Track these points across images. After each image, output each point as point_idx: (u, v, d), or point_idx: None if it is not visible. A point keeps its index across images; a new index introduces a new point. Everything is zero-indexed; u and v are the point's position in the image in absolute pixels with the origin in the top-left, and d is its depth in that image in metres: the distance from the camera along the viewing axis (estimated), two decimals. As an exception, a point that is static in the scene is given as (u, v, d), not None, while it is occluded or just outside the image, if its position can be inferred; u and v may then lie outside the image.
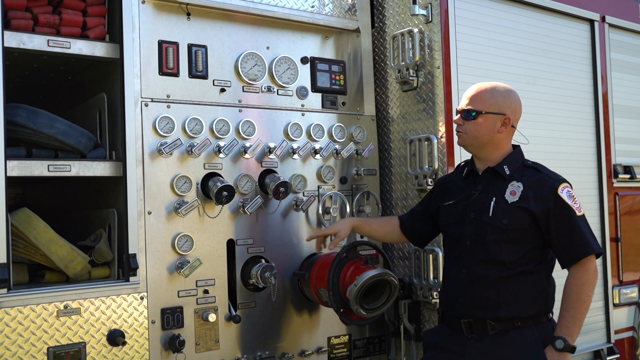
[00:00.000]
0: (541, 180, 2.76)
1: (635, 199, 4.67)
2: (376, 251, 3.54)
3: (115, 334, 2.84)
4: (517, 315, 2.73)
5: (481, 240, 2.77)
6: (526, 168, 2.83)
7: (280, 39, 3.52)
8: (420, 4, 3.63)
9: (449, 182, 3.05)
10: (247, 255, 3.29)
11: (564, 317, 2.68)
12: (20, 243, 2.86)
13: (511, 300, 2.72)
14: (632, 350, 4.61)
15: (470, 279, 2.79)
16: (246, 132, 3.31)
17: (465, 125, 2.83)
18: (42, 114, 2.91)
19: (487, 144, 2.83)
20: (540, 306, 2.77)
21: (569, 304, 2.68)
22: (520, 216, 2.72)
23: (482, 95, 2.82)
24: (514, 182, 2.78)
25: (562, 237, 2.70)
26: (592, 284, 2.69)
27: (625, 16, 4.69)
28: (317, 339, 3.51)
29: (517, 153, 2.89)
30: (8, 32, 2.74)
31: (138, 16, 3.06)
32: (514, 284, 2.73)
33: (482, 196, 2.82)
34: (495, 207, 2.75)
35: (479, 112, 2.79)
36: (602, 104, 4.41)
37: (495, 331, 2.74)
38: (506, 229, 2.72)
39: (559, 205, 2.70)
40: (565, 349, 2.64)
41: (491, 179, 2.84)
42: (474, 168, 2.92)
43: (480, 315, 2.76)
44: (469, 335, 2.79)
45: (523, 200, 2.73)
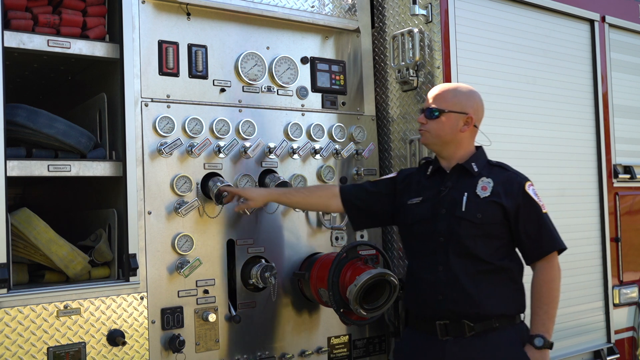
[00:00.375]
0: (509, 178, 2.83)
1: (635, 199, 4.67)
2: (376, 251, 3.53)
3: (115, 334, 2.84)
4: (496, 313, 2.73)
5: (455, 236, 2.77)
6: (492, 166, 2.89)
7: (280, 39, 3.52)
8: (420, 4, 3.63)
9: (412, 180, 3.02)
10: (247, 255, 3.29)
11: (538, 314, 2.72)
12: (20, 243, 2.86)
13: (490, 296, 2.74)
14: (632, 350, 4.61)
15: (447, 275, 2.77)
16: (246, 132, 3.31)
17: (428, 124, 2.87)
18: (42, 114, 2.91)
19: (450, 143, 2.87)
20: (517, 304, 2.81)
21: (542, 300, 2.73)
22: (493, 210, 2.76)
23: (445, 95, 2.87)
24: (484, 178, 2.83)
25: (530, 232, 2.77)
26: (559, 279, 2.78)
27: (625, 16, 4.69)
28: (317, 339, 3.51)
29: (482, 153, 2.95)
30: (8, 32, 2.74)
31: (138, 16, 3.06)
32: (492, 279, 2.76)
33: (452, 192, 2.84)
34: (468, 202, 2.78)
35: (442, 111, 2.84)
36: (602, 104, 4.41)
37: (473, 332, 2.73)
38: (480, 223, 2.75)
39: (527, 202, 2.78)
40: (545, 346, 2.68)
41: (460, 176, 2.87)
42: (440, 166, 2.94)
43: (460, 312, 2.74)
44: (444, 338, 2.76)
45: (495, 195, 2.77)
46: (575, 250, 4.20)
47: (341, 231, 3.60)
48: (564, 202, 4.15)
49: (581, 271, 4.24)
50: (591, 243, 4.33)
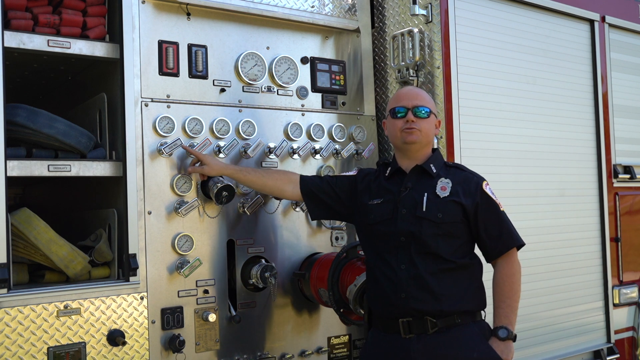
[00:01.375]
0: (467, 178, 2.89)
1: (635, 199, 4.67)
2: (376, 251, 3.53)
3: (115, 334, 2.84)
4: (457, 310, 2.76)
5: (416, 235, 2.79)
6: (449, 167, 2.95)
7: (280, 39, 3.52)
8: (420, 4, 3.63)
9: (371, 181, 3.02)
10: (247, 255, 3.29)
11: (501, 307, 2.78)
12: (20, 243, 2.86)
13: (452, 293, 2.76)
14: (632, 350, 4.61)
15: (410, 273, 2.77)
16: (246, 132, 3.31)
17: (418, 123, 2.87)
18: (42, 114, 2.91)
19: (429, 143, 2.95)
20: (478, 301, 2.85)
21: (504, 294, 2.79)
22: (453, 210, 2.80)
23: (426, 96, 2.95)
24: (442, 178, 2.87)
25: (490, 230, 2.83)
26: (519, 273, 2.84)
27: (625, 16, 4.69)
28: (317, 339, 3.51)
29: (439, 154, 3.01)
30: (8, 32, 2.74)
31: (138, 16, 3.06)
32: (453, 276, 2.79)
33: (412, 193, 2.86)
34: (428, 202, 2.81)
35: (430, 111, 2.90)
36: (602, 104, 4.41)
37: (436, 329, 2.74)
38: (441, 222, 2.78)
39: (485, 200, 2.83)
40: (509, 337, 2.74)
41: (419, 177, 2.90)
42: (399, 167, 2.95)
43: (423, 309, 2.74)
44: (407, 336, 2.77)
45: (454, 195, 2.82)
46: (575, 250, 4.21)
47: (341, 231, 3.61)
48: (564, 202, 4.15)
49: (581, 271, 4.25)
50: (591, 243, 4.34)
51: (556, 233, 4.12)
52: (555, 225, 4.12)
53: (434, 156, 2.95)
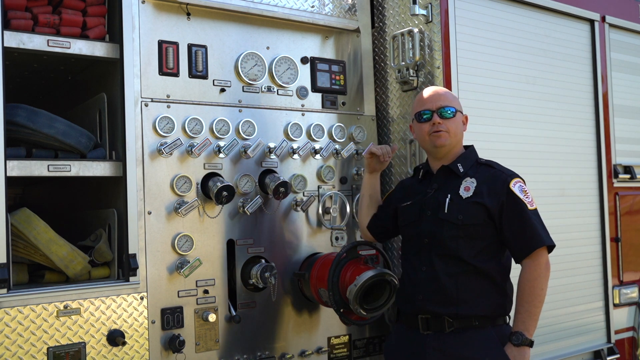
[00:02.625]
0: (494, 176, 2.82)
1: (635, 199, 4.67)
2: (376, 251, 3.54)
3: (115, 334, 2.84)
4: (475, 314, 2.75)
5: (438, 237, 2.80)
6: (480, 165, 2.89)
7: (280, 39, 3.52)
8: (420, 4, 3.63)
9: (407, 185, 3.11)
10: (247, 255, 3.29)
11: (520, 312, 2.72)
12: (20, 243, 2.86)
13: (469, 298, 2.75)
14: (633, 350, 4.61)
15: (429, 275, 2.81)
16: (246, 132, 3.31)
17: (445, 124, 2.86)
18: (42, 114, 2.91)
19: (459, 142, 2.93)
20: (498, 307, 2.80)
21: (524, 298, 2.72)
22: (475, 211, 2.76)
23: (449, 96, 2.93)
24: (468, 178, 2.83)
25: (514, 230, 2.75)
26: (544, 277, 2.73)
27: (625, 16, 4.69)
28: (317, 339, 3.51)
29: (471, 152, 2.96)
30: (8, 32, 2.74)
31: (138, 16, 3.06)
32: (472, 280, 2.77)
33: (437, 194, 2.86)
34: (450, 203, 2.79)
35: (456, 110, 2.89)
36: (602, 104, 4.41)
37: (453, 328, 2.76)
38: (462, 225, 2.76)
39: (511, 200, 2.76)
40: (523, 343, 2.68)
41: (446, 177, 2.89)
42: (429, 169, 2.98)
43: (439, 311, 2.77)
44: (425, 332, 2.81)
45: (477, 196, 2.77)
46: (575, 250, 4.20)
47: (341, 231, 3.61)
48: (564, 202, 4.15)
49: (581, 271, 4.24)
50: (591, 243, 4.33)
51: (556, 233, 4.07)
52: (556, 225, 4.08)
53: (464, 154, 2.91)
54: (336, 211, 3.56)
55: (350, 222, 3.64)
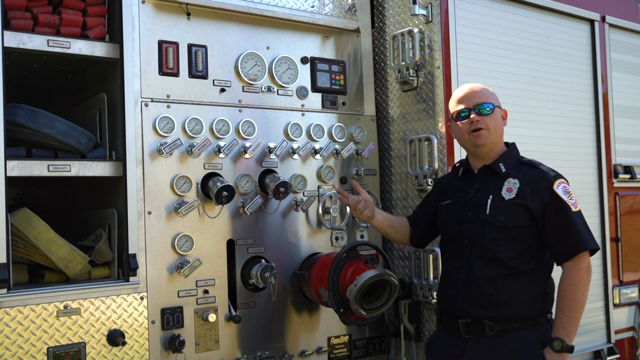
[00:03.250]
0: (537, 177, 2.76)
1: (635, 199, 4.67)
2: (376, 251, 3.53)
3: (115, 334, 2.84)
4: (515, 316, 2.72)
5: (479, 239, 2.76)
6: (522, 165, 2.83)
7: (280, 39, 3.52)
8: (420, 4, 3.63)
9: (446, 183, 3.06)
10: (247, 255, 3.29)
11: (560, 317, 2.68)
12: (20, 243, 2.86)
13: (510, 300, 2.72)
14: (632, 350, 4.61)
15: (468, 277, 2.78)
16: (246, 132, 3.31)
17: (484, 121, 2.79)
18: (42, 114, 2.91)
19: (500, 139, 2.85)
20: (539, 307, 2.76)
21: (564, 303, 2.67)
22: (517, 213, 2.71)
23: (485, 92, 2.85)
24: (510, 179, 2.77)
25: (557, 232, 2.70)
26: (586, 281, 2.69)
27: (625, 16, 4.69)
28: (317, 339, 3.51)
29: (513, 150, 2.90)
30: (8, 32, 2.74)
31: (138, 16, 3.06)
32: (512, 282, 2.72)
33: (478, 194, 2.82)
34: (492, 204, 2.75)
35: (494, 105, 2.81)
36: (602, 104, 4.41)
37: (494, 332, 2.73)
38: (504, 227, 2.72)
39: (554, 201, 2.70)
40: (564, 350, 2.64)
41: (487, 177, 2.84)
42: (470, 167, 2.93)
43: (479, 314, 2.75)
44: (467, 336, 2.78)
45: (520, 197, 2.72)
46: (575, 250, 4.20)
47: (341, 231, 3.61)
48: (564, 202, 4.15)
49: (581, 271, 4.24)
50: (591, 243, 4.33)
51: (556, 233, 4.12)
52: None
53: (506, 153, 2.85)
54: (336, 211, 3.56)
55: (350, 222, 3.64)
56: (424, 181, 3.56)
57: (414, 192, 3.67)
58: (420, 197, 3.60)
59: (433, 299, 3.49)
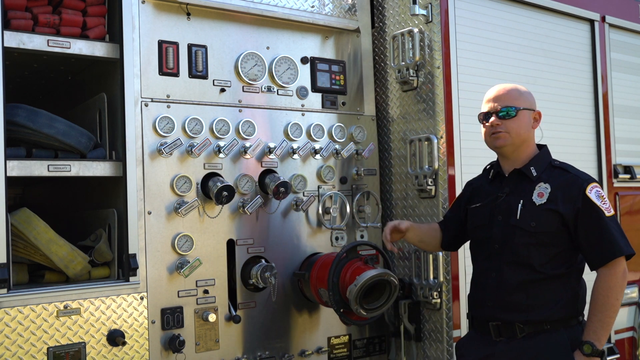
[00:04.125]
0: (569, 181, 2.71)
1: (635, 199, 4.67)
2: (376, 251, 3.53)
3: (115, 334, 2.84)
4: (546, 319, 2.69)
5: (509, 244, 2.73)
6: (554, 168, 2.78)
7: (280, 39, 3.52)
8: (420, 4, 3.63)
9: (477, 185, 3.02)
10: (247, 255, 3.29)
11: (592, 321, 2.63)
12: (20, 243, 2.86)
13: (540, 304, 2.68)
14: (632, 350, 4.61)
15: (499, 282, 2.75)
16: (246, 132, 3.31)
17: (504, 125, 2.75)
18: (42, 114, 2.91)
19: (525, 142, 2.80)
20: (570, 309, 2.72)
21: (597, 307, 2.62)
22: (548, 219, 2.67)
23: (513, 94, 2.79)
24: (542, 183, 2.73)
25: (590, 238, 2.65)
26: (620, 286, 2.64)
27: (625, 16, 4.69)
28: (317, 339, 3.51)
29: (545, 153, 2.85)
30: (8, 32, 2.74)
31: (138, 16, 3.06)
32: (543, 287, 2.69)
33: (509, 199, 2.77)
34: (523, 209, 2.70)
35: (518, 109, 2.75)
36: (602, 104, 4.41)
37: (524, 334, 2.70)
38: (535, 232, 2.68)
39: (587, 206, 2.64)
40: (593, 354, 2.59)
41: (518, 181, 2.79)
42: (500, 170, 2.89)
43: (509, 318, 2.72)
44: (497, 339, 2.76)
45: (551, 202, 2.68)
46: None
47: (341, 231, 3.61)
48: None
49: (581, 271, 4.24)
50: (591, 243, 4.33)
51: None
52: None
53: (538, 156, 2.81)
54: (336, 211, 3.56)
55: (350, 222, 3.64)
56: (424, 181, 3.56)
57: (414, 192, 3.67)
58: (420, 197, 3.61)
59: (433, 299, 3.49)
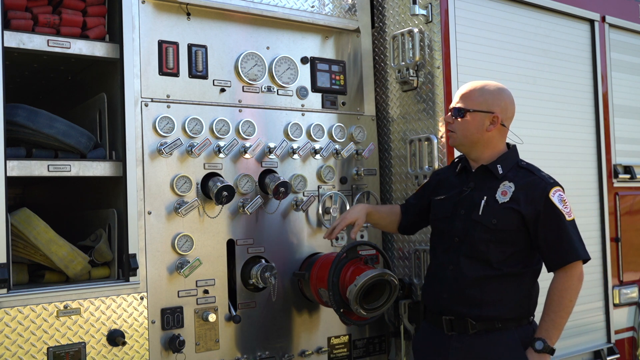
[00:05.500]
0: (533, 183, 2.76)
1: (635, 199, 4.67)
2: (376, 251, 3.53)
3: (115, 334, 2.84)
4: (498, 316, 2.74)
5: (469, 238, 2.78)
6: (520, 169, 2.83)
7: (280, 39, 3.52)
8: (420, 4, 3.63)
9: (443, 177, 3.07)
10: (247, 255, 3.29)
11: (545, 320, 2.70)
12: (20, 243, 2.86)
13: (494, 301, 2.74)
14: (632, 350, 4.61)
15: (455, 275, 2.80)
16: (246, 132, 3.31)
17: (454, 124, 2.84)
18: (42, 114, 2.91)
19: (477, 143, 2.83)
20: (523, 309, 2.79)
21: (551, 308, 2.69)
22: (509, 217, 2.72)
23: (472, 94, 2.83)
24: (506, 182, 2.78)
25: (549, 240, 2.70)
26: (575, 289, 2.70)
27: (625, 16, 4.69)
28: (317, 339, 3.51)
29: (512, 152, 2.89)
30: (8, 32, 2.74)
31: (138, 16, 3.06)
32: (498, 284, 2.75)
33: (473, 194, 2.83)
34: (486, 206, 2.76)
35: (467, 110, 2.80)
36: (602, 104, 4.41)
37: (476, 330, 2.76)
38: (495, 229, 2.73)
39: (549, 209, 2.70)
40: (545, 350, 2.67)
41: (484, 177, 2.84)
42: (468, 165, 2.94)
43: (463, 312, 2.77)
44: (449, 333, 2.81)
45: (513, 202, 2.73)
46: (575, 250, 4.20)
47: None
48: (564, 202, 4.15)
49: (581, 271, 4.24)
50: (591, 243, 4.32)
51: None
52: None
53: (505, 155, 2.85)
54: (336, 211, 3.56)
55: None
56: (424, 181, 3.56)
57: (414, 192, 3.66)
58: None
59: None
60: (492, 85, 2.86)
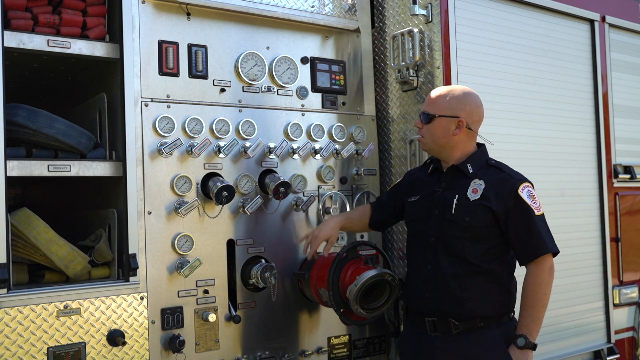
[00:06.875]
0: (503, 180, 2.82)
1: (635, 199, 4.67)
2: (376, 251, 3.54)
3: (115, 334, 2.84)
4: (479, 314, 2.79)
5: (444, 237, 2.83)
6: (489, 167, 2.90)
7: (280, 39, 3.52)
8: (420, 4, 3.63)
9: (416, 178, 3.12)
10: (247, 255, 3.29)
11: (524, 316, 2.76)
12: (20, 243, 2.86)
13: (474, 298, 2.79)
14: (632, 350, 4.61)
15: (434, 274, 2.85)
16: (246, 132, 3.31)
17: (423, 129, 2.93)
18: (42, 114, 2.91)
19: (445, 147, 2.90)
20: (503, 306, 2.84)
21: (527, 303, 2.75)
22: (481, 214, 2.78)
23: (438, 99, 2.90)
24: (477, 180, 2.84)
25: (519, 235, 2.77)
26: (547, 282, 2.76)
27: (625, 16, 4.69)
28: (317, 339, 3.51)
29: (482, 152, 2.96)
30: (8, 32, 2.74)
31: (138, 16, 3.06)
32: (477, 281, 2.80)
33: (445, 193, 2.88)
34: (458, 204, 2.81)
35: (433, 116, 2.87)
36: (602, 104, 4.41)
37: (459, 330, 2.80)
38: (468, 226, 2.78)
39: (518, 205, 2.77)
40: (527, 346, 2.72)
41: (454, 177, 2.90)
42: (439, 165, 3.00)
43: (444, 311, 2.81)
44: (432, 334, 2.85)
45: (484, 199, 2.79)
46: (575, 250, 4.20)
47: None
48: (564, 202, 4.15)
49: (581, 271, 4.24)
50: (591, 243, 4.33)
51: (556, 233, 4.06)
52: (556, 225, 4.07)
53: (475, 154, 2.91)
54: (336, 211, 3.56)
55: (350, 222, 3.64)
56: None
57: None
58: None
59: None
60: (459, 90, 2.93)
